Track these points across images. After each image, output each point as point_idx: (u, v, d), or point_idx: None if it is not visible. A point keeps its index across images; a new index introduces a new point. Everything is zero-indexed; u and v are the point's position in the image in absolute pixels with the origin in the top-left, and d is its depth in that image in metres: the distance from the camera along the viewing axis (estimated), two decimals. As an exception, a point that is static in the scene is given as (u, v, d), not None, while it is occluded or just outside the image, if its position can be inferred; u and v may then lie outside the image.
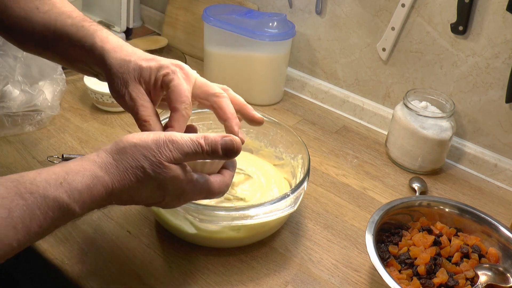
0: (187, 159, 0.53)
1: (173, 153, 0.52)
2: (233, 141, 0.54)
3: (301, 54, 1.17)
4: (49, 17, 0.65)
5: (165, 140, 0.52)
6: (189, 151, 0.52)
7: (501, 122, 0.92)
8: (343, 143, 1.02)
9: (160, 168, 0.51)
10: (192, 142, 0.53)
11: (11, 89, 0.91)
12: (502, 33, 0.86)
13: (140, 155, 0.51)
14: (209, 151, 0.53)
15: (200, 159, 0.54)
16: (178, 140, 0.52)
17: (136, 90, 0.59)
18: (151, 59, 0.61)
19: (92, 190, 0.49)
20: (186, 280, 0.68)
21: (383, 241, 0.73)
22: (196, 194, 0.56)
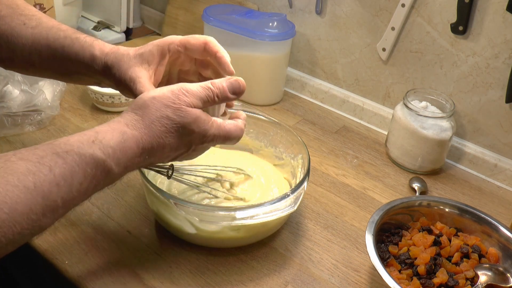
0: (202, 104, 0.57)
1: (190, 99, 0.56)
2: (237, 80, 0.60)
3: (301, 54, 1.17)
4: (39, 32, 0.65)
5: (179, 89, 0.56)
6: (203, 96, 0.57)
7: (501, 122, 0.92)
8: (343, 143, 1.02)
9: (183, 112, 0.55)
10: (203, 88, 0.57)
11: (11, 89, 0.91)
12: (502, 33, 0.86)
13: (161, 106, 0.55)
14: (219, 93, 0.58)
15: (213, 104, 0.59)
16: (191, 88, 0.57)
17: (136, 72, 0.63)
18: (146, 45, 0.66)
19: (124, 146, 0.52)
20: (186, 280, 0.68)
21: (383, 241, 0.73)
22: (216, 136, 0.59)
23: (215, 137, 0.59)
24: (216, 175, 0.80)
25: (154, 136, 0.54)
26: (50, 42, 0.65)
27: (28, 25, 0.66)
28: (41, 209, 0.46)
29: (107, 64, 0.64)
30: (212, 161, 0.83)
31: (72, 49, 0.65)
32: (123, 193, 0.82)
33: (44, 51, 0.66)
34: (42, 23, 0.66)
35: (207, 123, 0.58)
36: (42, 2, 1.12)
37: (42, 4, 1.12)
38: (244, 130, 0.64)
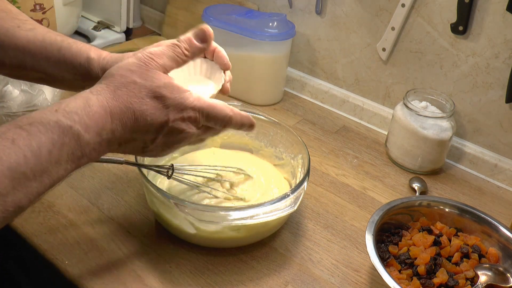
0: (171, 63, 0.55)
1: (156, 61, 0.53)
2: (202, 27, 0.58)
3: (301, 54, 1.17)
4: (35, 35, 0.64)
5: (144, 53, 0.54)
6: (169, 53, 0.55)
7: (501, 122, 0.92)
8: (343, 143, 1.02)
9: (151, 76, 0.52)
10: (167, 46, 0.55)
11: (11, 89, 0.91)
12: (502, 33, 0.86)
13: (126, 72, 0.52)
14: (185, 45, 0.56)
15: (185, 59, 0.56)
16: (155, 50, 0.54)
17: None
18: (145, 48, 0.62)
19: (89, 110, 0.49)
20: (186, 280, 0.68)
21: (383, 241, 0.73)
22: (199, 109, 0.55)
23: (196, 108, 0.55)
24: (216, 175, 0.80)
25: (121, 101, 0.51)
26: (46, 44, 0.64)
27: (22, 28, 0.64)
28: (9, 182, 0.43)
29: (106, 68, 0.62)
30: (212, 161, 0.83)
31: (69, 51, 0.63)
32: (123, 193, 0.82)
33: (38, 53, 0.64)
34: (37, 27, 0.65)
35: (182, 91, 0.54)
36: (42, 2, 1.12)
37: (42, 4, 1.12)
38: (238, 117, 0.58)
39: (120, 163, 0.69)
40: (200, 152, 0.87)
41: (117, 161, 0.68)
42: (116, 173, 0.86)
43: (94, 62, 0.63)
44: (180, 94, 0.54)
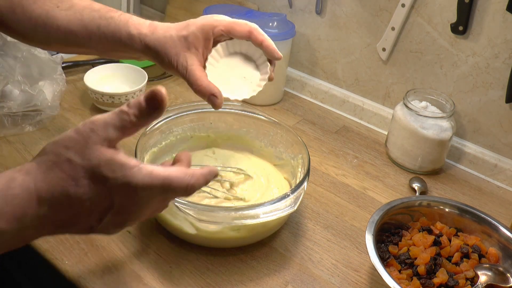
0: (117, 134, 0.45)
1: (98, 132, 0.45)
2: (154, 89, 0.46)
3: (301, 54, 1.17)
4: (73, 14, 0.66)
5: (85, 124, 0.46)
6: (114, 122, 0.46)
7: (501, 122, 0.92)
8: (343, 143, 1.02)
9: (88, 153, 0.44)
10: (114, 113, 0.46)
11: (11, 89, 0.91)
12: (502, 33, 0.86)
13: (62, 148, 0.45)
14: (135, 112, 0.46)
15: (132, 129, 0.47)
16: (98, 118, 0.46)
17: (187, 58, 0.63)
18: (187, 25, 0.64)
19: (8, 194, 0.42)
20: (186, 280, 0.68)
21: (383, 241, 0.73)
22: (148, 186, 0.45)
23: (146, 187, 0.45)
24: (216, 175, 0.80)
25: (53, 184, 0.43)
26: (85, 23, 0.65)
27: (61, 8, 0.66)
28: None
29: (149, 46, 0.63)
30: (212, 161, 0.83)
31: (108, 29, 0.64)
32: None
33: (79, 33, 0.66)
34: (74, 4, 0.66)
35: (127, 167, 0.44)
36: (42, 2, 1.12)
37: (42, 4, 1.12)
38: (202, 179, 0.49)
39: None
40: (200, 152, 0.87)
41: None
42: (116, 173, 0.86)
43: (135, 39, 0.64)
44: (124, 172, 0.44)
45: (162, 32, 0.63)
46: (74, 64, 1.16)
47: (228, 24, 0.64)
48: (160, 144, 0.83)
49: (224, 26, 0.64)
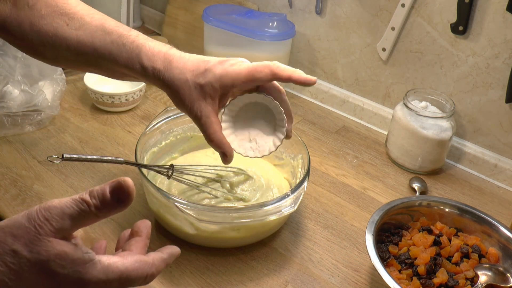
0: (73, 224, 0.41)
1: (52, 222, 0.40)
2: (120, 181, 0.43)
3: (301, 54, 1.17)
4: (84, 35, 0.62)
5: (39, 210, 0.41)
6: (72, 212, 0.41)
7: (501, 122, 0.92)
8: (343, 143, 1.02)
9: (38, 246, 0.40)
10: (73, 201, 0.41)
11: (11, 89, 0.91)
12: (502, 33, 0.86)
13: (8, 237, 0.40)
14: (97, 203, 0.42)
15: (92, 220, 0.42)
16: (55, 205, 0.41)
17: (202, 108, 0.60)
18: (204, 71, 0.60)
19: None
20: (186, 280, 0.68)
21: (383, 241, 0.73)
22: (103, 283, 0.42)
23: (101, 283, 0.42)
24: (216, 175, 0.80)
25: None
26: (96, 47, 0.62)
27: (71, 26, 0.62)
28: None
29: (163, 83, 0.61)
30: (212, 161, 0.83)
31: (120, 57, 0.61)
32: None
33: (90, 56, 0.63)
34: (85, 24, 0.63)
35: (79, 263, 0.41)
36: (42, 2, 1.12)
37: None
38: (162, 265, 0.47)
39: (120, 163, 0.68)
40: (200, 152, 0.87)
41: (116, 161, 0.68)
42: (116, 173, 0.86)
43: (149, 73, 0.61)
44: (76, 267, 0.41)
45: (178, 73, 0.60)
46: (74, 64, 1.16)
47: (249, 75, 0.60)
48: (160, 144, 0.83)
49: (245, 77, 0.60)
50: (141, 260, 0.45)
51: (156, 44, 0.62)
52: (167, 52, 0.61)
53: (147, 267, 0.45)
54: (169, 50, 0.62)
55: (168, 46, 0.63)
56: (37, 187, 0.81)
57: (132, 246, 0.48)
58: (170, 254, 0.49)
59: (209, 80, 0.60)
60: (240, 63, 0.61)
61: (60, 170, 0.85)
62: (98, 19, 0.64)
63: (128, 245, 0.49)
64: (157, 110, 1.05)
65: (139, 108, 1.06)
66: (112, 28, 0.63)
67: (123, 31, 0.63)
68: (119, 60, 0.62)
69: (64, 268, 0.41)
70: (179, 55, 0.62)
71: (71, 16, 0.63)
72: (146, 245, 0.49)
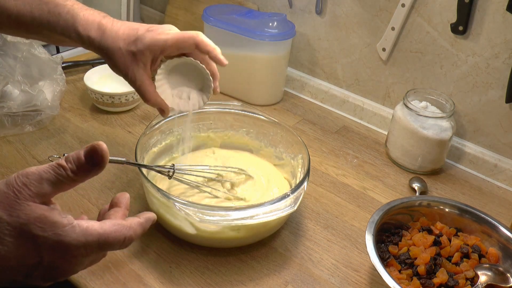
0: (52, 189, 0.43)
1: (30, 187, 0.42)
2: (94, 145, 0.44)
3: (301, 54, 1.17)
4: (23, 5, 0.65)
5: (17, 176, 0.43)
6: (49, 176, 0.43)
7: (501, 122, 0.92)
8: (343, 143, 1.02)
9: (17, 210, 0.41)
10: (50, 166, 0.43)
11: (11, 89, 0.91)
12: (502, 33, 0.86)
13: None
14: (72, 167, 0.43)
15: (69, 184, 0.44)
16: (33, 171, 0.43)
17: (135, 73, 0.66)
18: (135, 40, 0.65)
19: None
20: (186, 280, 0.68)
21: (383, 241, 0.73)
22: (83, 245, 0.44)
23: (81, 245, 0.44)
24: (217, 175, 0.80)
25: None
26: (35, 16, 0.65)
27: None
28: None
29: (98, 49, 0.66)
30: (212, 161, 0.83)
31: (57, 26, 0.65)
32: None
33: (30, 24, 0.66)
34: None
35: (58, 226, 0.43)
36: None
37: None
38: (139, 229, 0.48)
39: (121, 163, 0.68)
40: (200, 152, 0.87)
41: (117, 161, 0.68)
42: (116, 173, 0.86)
43: (84, 40, 0.65)
44: (56, 230, 0.42)
45: (111, 41, 0.64)
46: (74, 64, 1.16)
47: (173, 43, 0.65)
48: (160, 144, 0.83)
49: (170, 46, 0.65)
50: (119, 223, 0.47)
51: (90, 13, 0.67)
52: (100, 21, 0.66)
53: (124, 229, 0.47)
54: (102, 19, 0.67)
55: (102, 15, 0.68)
56: (37, 187, 0.81)
57: (111, 216, 0.49)
58: (147, 219, 0.50)
59: (140, 48, 0.64)
60: (168, 31, 0.65)
61: (60, 170, 0.85)
62: None
63: (108, 215, 0.50)
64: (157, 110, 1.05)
65: (139, 108, 1.06)
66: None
67: (59, 2, 0.66)
68: (57, 29, 0.66)
69: (44, 231, 0.42)
70: (111, 24, 0.66)
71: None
72: (124, 215, 0.50)
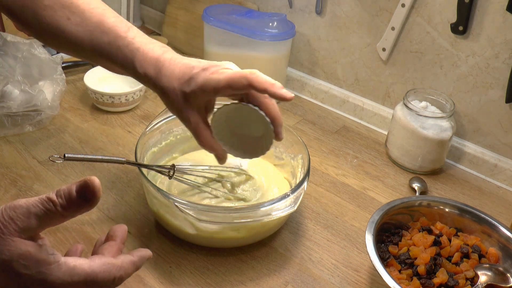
0: (39, 224, 0.41)
1: (17, 221, 0.40)
2: (87, 180, 0.42)
3: (301, 54, 1.17)
4: (83, 31, 0.63)
5: (5, 209, 0.41)
6: (38, 211, 0.41)
7: (501, 122, 0.92)
8: (343, 143, 1.02)
9: (1, 245, 0.40)
10: (40, 200, 0.41)
11: (11, 89, 0.91)
12: (502, 33, 0.86)
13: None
14: (63, 202, 0.41)
15: (58, 220, 0.42)
16: (21, 204, 0.41)
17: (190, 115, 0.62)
18: (189, 80, 0.60)
19: None
20: (186, 280, 0.68)
21: (383, 241, 0.73)
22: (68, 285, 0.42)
23: (66, 285, 0.42)
24: (218, 175, 0.80)
25: None
26: (94, 45, 0.63)
27: (72, 21, 0.63)
28: None
29: (154, 88, 0.63)
30: (212, 161, 0.83)
31: (116, 59, 0.63)
32: (123, 193, 0.82)
33: (89, 52, 0.64)
34: (85, 19, 0.63)
35: (43, 264, 0.41)
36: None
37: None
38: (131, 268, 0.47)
39: (122, 163, 0.69)
40: (200, 152, 0.86)
41: (117, 161, 0.68)
42: (116, 173, 0.86)
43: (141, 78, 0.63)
44: (40, 268, 0.41)
45: (166, 81, 0.61)
46: (74, 64, 1.16)
47: (227, 83, 0.58)
48: (160, 144, 0.83)
49: (223, 86, 0.59)
50: (109, 263, 0.45)
51: (150, 48, 0.62)
52: (159, 58, 0.62)
53: (114, 269, 0.45)
54: (161, 56, 0.62)
55: (162, 50, 0.63)
56: (37, 187, 0.81)
57: (104, 250, 0.48)
58: (140, 257, 0.48)
59: (193, 89, 0.60)
60: (222, 71, 0.60)
61: (60, 170, 0.85)
62: (98, 14, 0.64)
63: (101, 249, 0.48)
64: (157, 110, 1.05)
65: (139, 108, 1.06)
66: (110, 26, 0.63)
67: (120, 31, 0.63)
68: (115, 61, 0.63)
69: (28, 269, 0.40)
70: (169, 62, 0.61)
71: (73, 9, 0.63)
72: (119, 250, 0.49)
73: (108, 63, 0.65)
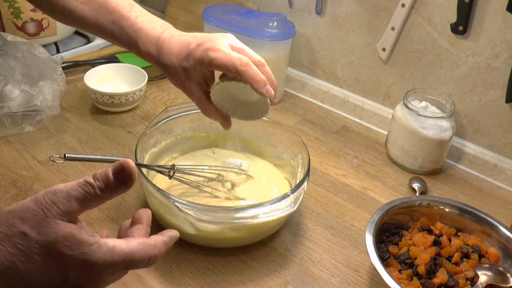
0: (79, 207, 0.43)
1: (58, 205, 0.42)
2: (122, 163, 0.44)
3: (301, 54, 1.17)
4: (89, 10, 0.69)
5: (46, 193, 0.42)
6: (78, 194, 0.43)
7: (501, 122, 0.92)
8: (343, 143, 1.02)
9: (46, 228, 0.41)
10: (78, 184, 0.43)
11: (11, 89, 0.91)
12: (502, 33, 0.86)
13: (17, 220, 0.41)
14: (101, 185, 0.43)
15: (97, 202, 0.44)
16: (61, 188, 0.43)
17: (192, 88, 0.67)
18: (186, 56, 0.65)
19: None
20: (186, 280, 0.68)
21: (383, 241, 0.73)
22: (109, 264, 0.43)
23: (107, 265, 0.43)
24: (218, 175, 0.80)
25: (2, 261, 0.40)
26: (99, 24, 0.69)
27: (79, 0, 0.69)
28: None
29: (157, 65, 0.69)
30: (212, 161, 0.83)
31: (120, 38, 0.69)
32: (123, 193, 0.81)
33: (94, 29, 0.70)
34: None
35: (85, 245, 0.42)
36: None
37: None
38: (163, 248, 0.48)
39: (120, 163, 0.68)
40: (200, 152, 0.87)
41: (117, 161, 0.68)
42: (116, 173, 0.86)
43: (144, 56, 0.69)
44: (83, 249, 0.42)
45: (167, 57, 0.66)
46: (74, 64, 1.16)
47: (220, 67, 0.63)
48: (160, 144, 0.83)
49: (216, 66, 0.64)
50: (145, 243, 0.46)
51: (152, 27, 0.68)
52: (159, 37, 0.67)
53: (150, 249, 0.46)
54: (161, 34, 0.67)
55: (163, 28, 0.69)
56: (37, 187, 0.81)
57: (134, 233, 0.49)
58: (170, 237, 0.50)
59: (191, 64, 0.65)
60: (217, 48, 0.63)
61: (60, 170, 0.85)
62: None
63: (130, 232, 0.49)
64: (157, 110, 1.05)
65: (139, 108, 1.06)
66: (114, 5, 0.69)
67: (124, 10, 0.69)
68: (120, 40, 0.69)
69: (71, 250, 0.42)
70: (168, 40, 0.67)
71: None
72: (147, 232, 0.50)
73: (114, 40, 0.70)
